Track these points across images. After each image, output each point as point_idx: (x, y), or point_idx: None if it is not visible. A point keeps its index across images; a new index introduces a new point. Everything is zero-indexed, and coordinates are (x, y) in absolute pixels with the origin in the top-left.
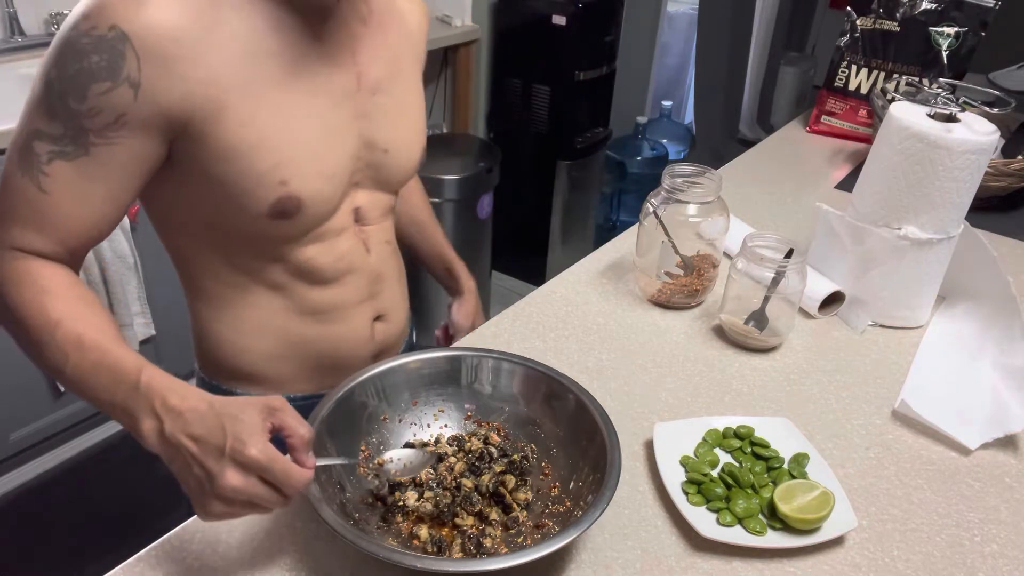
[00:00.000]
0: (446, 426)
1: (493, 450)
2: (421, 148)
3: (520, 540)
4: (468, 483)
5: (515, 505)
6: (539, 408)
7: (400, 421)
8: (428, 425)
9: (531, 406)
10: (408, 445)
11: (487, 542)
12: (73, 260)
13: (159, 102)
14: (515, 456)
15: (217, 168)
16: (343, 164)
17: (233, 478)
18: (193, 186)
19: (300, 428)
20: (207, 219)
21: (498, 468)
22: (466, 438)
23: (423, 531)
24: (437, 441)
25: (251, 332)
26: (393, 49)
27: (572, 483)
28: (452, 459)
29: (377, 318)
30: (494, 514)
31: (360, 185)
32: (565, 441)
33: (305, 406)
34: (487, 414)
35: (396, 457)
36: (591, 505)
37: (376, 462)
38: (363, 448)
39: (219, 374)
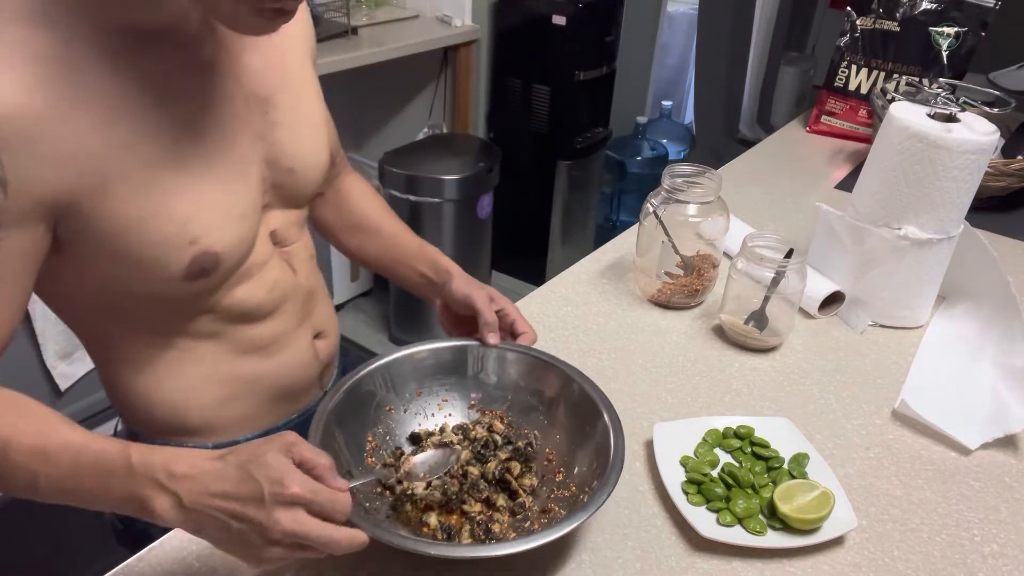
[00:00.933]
0: (450, 415)
1: (497, 438)
2: (327, 152)
3: (527, 525)
4: (475, 471)
5: (521, 491)
6: (542, 395)
7: (405, 411)
8: (432, 415)
9: (534, 394)
10: (414, 436)
11: (495, 527)
12: None
13: (32, 193)
14: (519, 443)
15: (114, 243)
16: (252, 197)
17: (285, 520)
18: (91, 265)
19: (320, 458)
20: (113, 294)
21: (503, 455)
22: (471, 427)
23: (432, 519)
24: (442, 430)
25: (191, 387)
26: (276, 55)
27: (576, 468)
28: (457, 447)
29: (316, 336)
30: (501, 500)
31: (270, 206)
32: (568, 427)
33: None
34: (490, 402)
35: (420, 461)
36: (596, 490)
37: (403, 470)
38: (370, 439)
39: (168, 434)
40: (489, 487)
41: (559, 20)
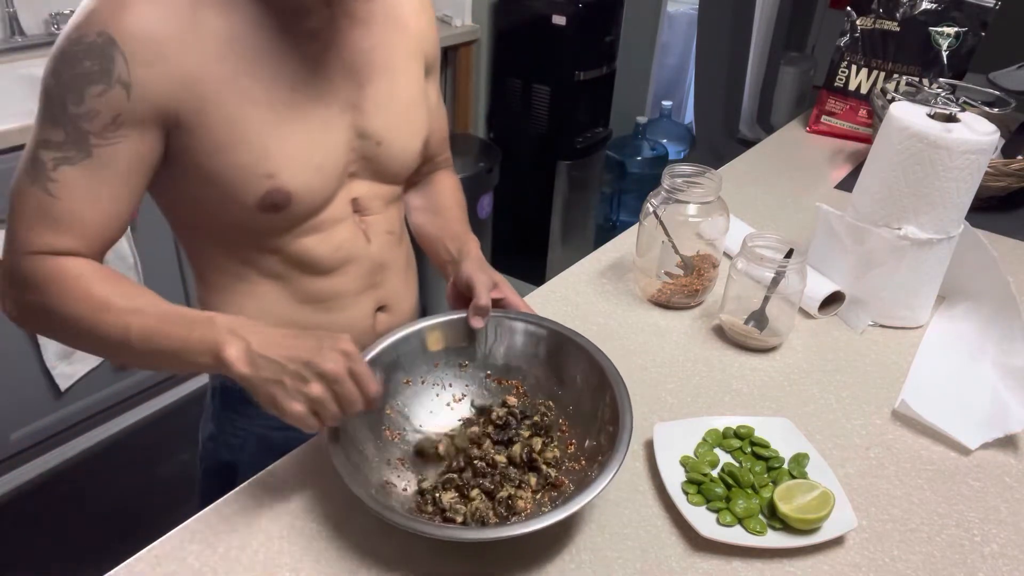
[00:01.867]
0: (468, 386)
1: (516, 414)
2: (419, 139)
3: (538, 497)
4: (500, 458)
5: (545, 466)
6: (557, 368)
7: (423, 383)
8: (450, 384)
9: (550, 365)
10: (420, 451)
11: (520, 504)
12: (93, 256)
13: (150, 99)
14: (535, 417)
15: (207, 163)
16: (334, 156)
17: (332, 358)
18: (189, 181)
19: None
20: (204, 212)
21: (525, 433)
22: (490, 409)
23: (459, 514)
24: (459, 400)
25: (253, 318)
26: (383, 41)
27: (588, 441)
28: (476, 429)
29: (380, 308)
30: (532, 480)
31: (357, 175)
32: (583, 400)
33: None
34: (506, 373)
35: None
36: (603, 465)
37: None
38: (388, 410)
39: None
40: (517, 471)
41: (559, 20)
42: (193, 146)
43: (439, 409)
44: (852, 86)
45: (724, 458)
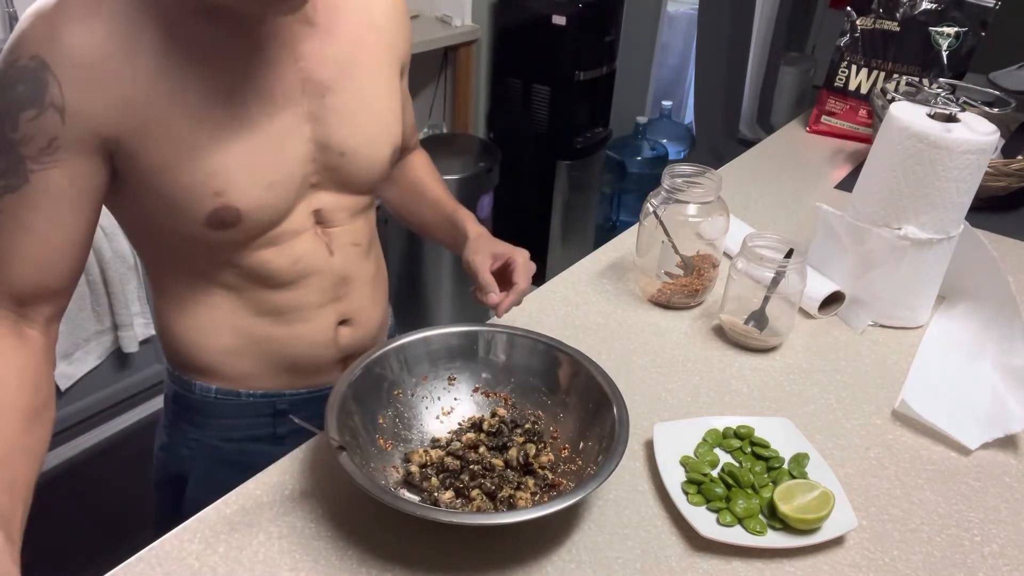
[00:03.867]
0: (456, 399)
1: (507, 422)
2: (389, 148)
3: (537, 498)
4: (498, 462)
5: (541, 470)
6: (545, 376)
7: (412, 395)
8: (439, 398)
9: (537, 375)
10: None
11: (520, 503)
12: (24, 312)
13: (86, 123)
14: (527, 424)
15: (154, 180)
16: (288, 170)
17: None
18: (138, 198)
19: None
20: (155, 227)
21: (519, 439)
22: (481, 420)
23: (447, 496)
24: (447, 414)
25: (207, 329)
26: (349, 48)
27: (582, 444)
28: (472, 435)
29: (342, 322)
30: (530, 483)
31: (320, 187)
32: (572, 406)
33: (265, 403)
34: (494, 385)
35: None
36: (606, 456)
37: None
38: (381, 420)
39: (181, 367)
40: (515, 473)
41: (559, 20)
42: (137, 166)
43: (429, 421)
44: (852, 86)
45: (724, 458)
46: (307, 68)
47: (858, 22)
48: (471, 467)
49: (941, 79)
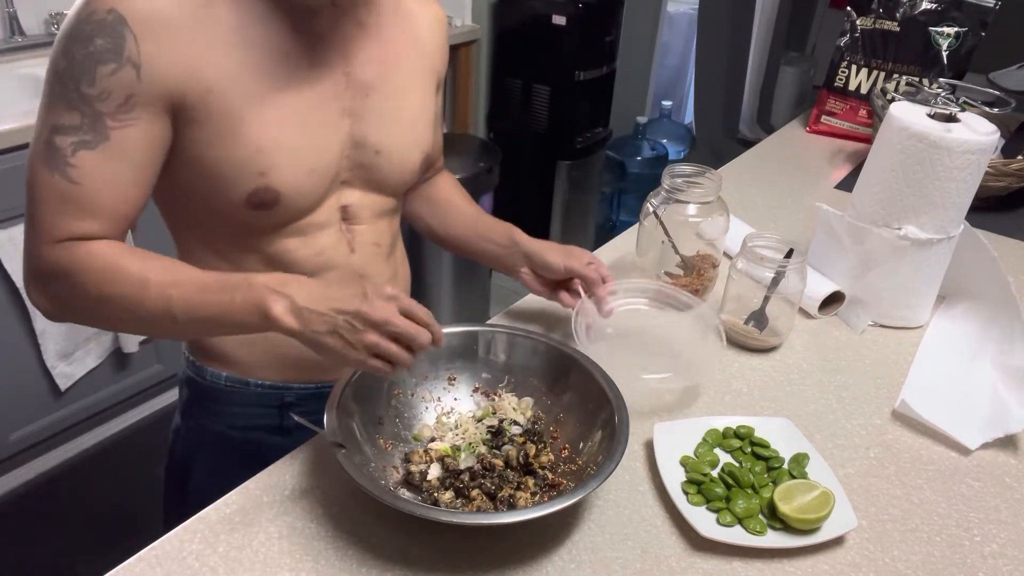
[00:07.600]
0: (456, 399)
1: (509, 424)
2: (421, 153)
3: (537, 498)
4: (498, 461)
5: (541, 470)
6: (545, 377)
7: (412, 395)
8: (439, 399)
9: (537, 375)
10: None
11: (520, 503)
12: (117, 237)
13: (159, 81)
14: (527, 424)
15: (205, 153)
16: (327, 160)
17: (381, 306)
18: (183, 171)
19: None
20: (192, 204)
21: (519, 439)
22: (482, 413)
23: (447, 496)
24: (448, 414)
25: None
26: (393, 53)
27: (582, 444)
28: (472, 429)
29: None
30: (530, 483)
31: (350, 184)
32: (573, 407)
33: (273, 394)
34: (494, 385)
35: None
36: (606, 456)
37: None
38: (380, 420)
39: (195, 353)
40: (515, 473)
41: (559, 20)
42: (194, 135)
43: (429, 420)
44: (852, 86)
45: (724, 458)
46: (354, 65)
47: (858, 22)
48: (471, 467)
49: (941, 79)
